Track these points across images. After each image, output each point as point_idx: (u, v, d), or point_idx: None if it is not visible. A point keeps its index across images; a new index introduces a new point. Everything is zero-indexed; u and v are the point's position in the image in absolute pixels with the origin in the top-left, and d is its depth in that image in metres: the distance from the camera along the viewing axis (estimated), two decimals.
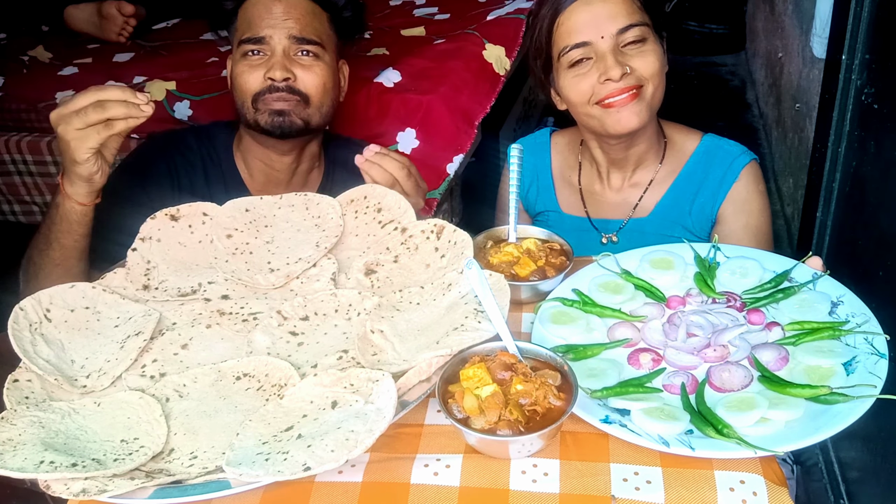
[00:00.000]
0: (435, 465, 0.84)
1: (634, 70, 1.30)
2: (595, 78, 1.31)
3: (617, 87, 1.30)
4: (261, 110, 1.42)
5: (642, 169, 1.47)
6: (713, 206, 1.42)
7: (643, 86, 1.31)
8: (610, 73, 1.28)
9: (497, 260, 1.14)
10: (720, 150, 1.45)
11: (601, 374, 0.94)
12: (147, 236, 1.16)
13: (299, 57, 1.43)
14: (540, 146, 1.58)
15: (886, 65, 1.18)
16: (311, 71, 1.43)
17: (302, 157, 1.53)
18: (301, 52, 1.43)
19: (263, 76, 1.40)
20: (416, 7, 2.62)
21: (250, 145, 1.51)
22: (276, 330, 1.02)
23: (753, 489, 0.79)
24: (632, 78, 1.30)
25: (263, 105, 1.41)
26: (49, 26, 2.58)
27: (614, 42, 1.29)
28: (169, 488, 0.80)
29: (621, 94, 1.30)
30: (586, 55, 1.31)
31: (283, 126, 1.41)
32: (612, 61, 1.28)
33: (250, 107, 1.42)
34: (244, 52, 1.42)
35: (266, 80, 1.40)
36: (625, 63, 1.29)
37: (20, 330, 0.99)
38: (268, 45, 1.41)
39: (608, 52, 1.29)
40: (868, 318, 0.96)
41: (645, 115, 1.33)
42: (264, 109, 1.41)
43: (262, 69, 1.41)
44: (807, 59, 2.68)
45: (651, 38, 1.32)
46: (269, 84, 1.40)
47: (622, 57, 1.30)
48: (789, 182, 2.99)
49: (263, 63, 1.41)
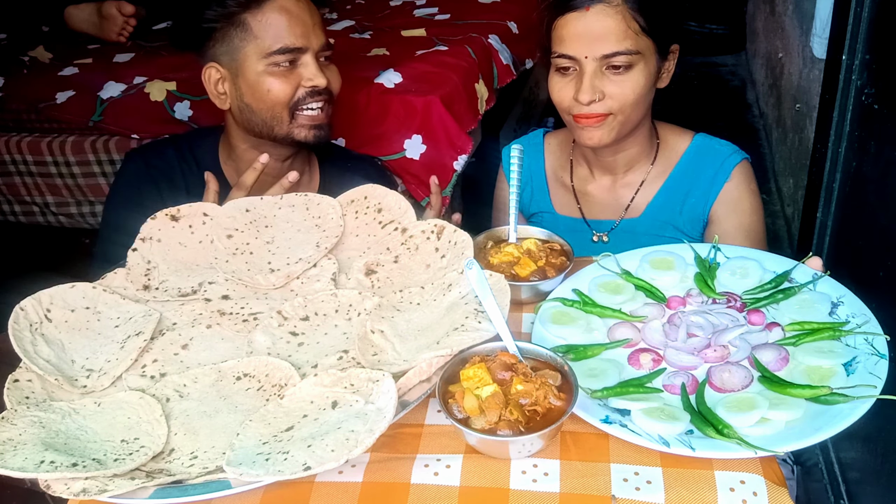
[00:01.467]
0: (435, 465, 0.84)
1: (606, 98, 1.29)
2: (572, 91, 1.31)
3: (585, 110, 1.30)
4: (298, 124, 1.43)
5: (634, 170, 1.47)
6: (705, 206, 1.42)
7: (612, 114, 1.31)
8: (580, 97, 1.29)
9: (497, 260, 1.14)
10: (711, 149, 1.44)
11: (601, 374, 0.94)
12: (147, 236, 1.16)
13: (323, 62, 1.45)
14: (533, 147, 1.58)
15: (886, 65, 1.18)
16: (334, 72, 1.48)
17: (295, 162, 1.54)
18: (323, 56, 1.45)
19: (301, 84, 1.41)
20: (416, 7, 2.62)
21: (244, 153, 1.50)
22: (276, 330, 1.02)
23: (754, 489, 0.79)
24: (601, 106, 1.29)
25: (301, 115, 1.43)
26: (49, 26, 2.58)
27: (597, 64, 1.28)
28: (169, 488, 0.80)
29: (588, 116, 1.31)
30: (572, 65, 1.31)
31: (321, 138, 1.46)
32: (587, 84, 1.28)
33: (285, 118, 1.43)
34: (273, 63, 1.40)
35: (306, 87, 1.41)
36: (600, 88, 1.28)
37: (20, 330, 0.99)
38: (302, 54, 1.41)
39: (588, 73, 1.28)
40: (868, 319, 0.96)
41: (611, 137, 1.34)
42: (303, 124, 1.43)
43: (295, 78, 1.41)
44: (807, 59, 2.69)
45: (640, 65, 1.29)
46: (309, 90, 1.42)
47: (601, 80, 1.28)
48: (789, 182, 2.99)
49: (297, 71, 1.41)
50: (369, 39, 2.33)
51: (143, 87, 2.02)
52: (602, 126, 1.32)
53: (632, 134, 1.39)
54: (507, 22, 2.43)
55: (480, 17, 2.48)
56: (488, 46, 2.25)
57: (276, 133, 1.44)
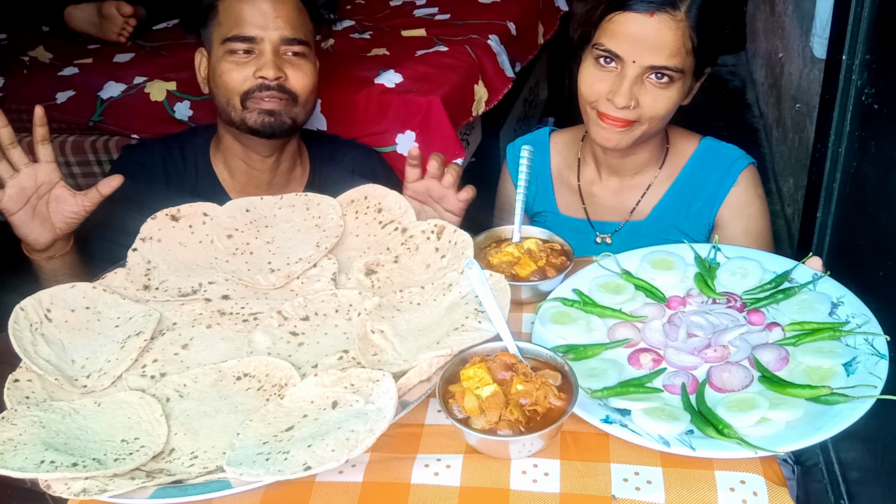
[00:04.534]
0: (435, 465, 0.84)
1: (640, 106, 1.27)
2: (607, 89, 1.29)
3: (614, 113, 1.28)
4: (249, 109, 1.40)
5: (641, 173, 1.47)
6: (711, 210, 1.42)
7: (639, 122, 1.30)
8: (616, 99, 1.26)
9: (497, 260, 1.14)
10: (718, 153, 1.44)
11: (601, 374, 0.94)
12: (147, 236, 1.16)
13: (288, 57, 1.42)
14: (539, 146, 1.57)
15: (886, 65, 1.18)
16: (300, 70, 1.42)
17: (282, 156, 1.52)
18: (290, 52, 1.42)
19: (253, 74, 1.39)
20: (416, 7, 2.62)
21: (230, 146, 1.50)
22: (276, 330, 1.02)
23: (754, 489, 0.79)
24: (632, 113, 1.28)
25: (253, 104, 1.40)
26: (49, 26, 2.58)
27: (641, 71, 1.26)
28: (169, 488, 0.80)
29: (615, 119, 1.29)
30: (615, 62, 1.28)
31: (274, 126, 1.41)
32: (625, 88, 1.25)
33: (238, 105, 1.41)
34: (230, 50, 1.40)
35: (256, 78, 1.39)
36: (636, 95, 1.26)
37: (20, 330, 0.99)
38: (257, 45, 1.40)
39: (629, 77, 1.26)
40: (868, 319, 0.96)
41: (628, 143, 1.33)
42: (253, 108, 1.40)
43: (250, 67, 1.39)
44: (807, 59, 2.68)
45: (679, 83, 1.28)
46: (259, 83, 1.39)
47: (639, 88, 1.26)
48: (789, 182, 2.99)
49: (252, 62, 1.39)
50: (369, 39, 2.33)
51: (143, 87, 2.02)
52: (625, 132, 1.30)
53: (644, 141, 1.38)
54: (507, 22, 2.43)
55: (480, 17, 2.47)
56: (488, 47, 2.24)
57: (232, 119, 1.42)
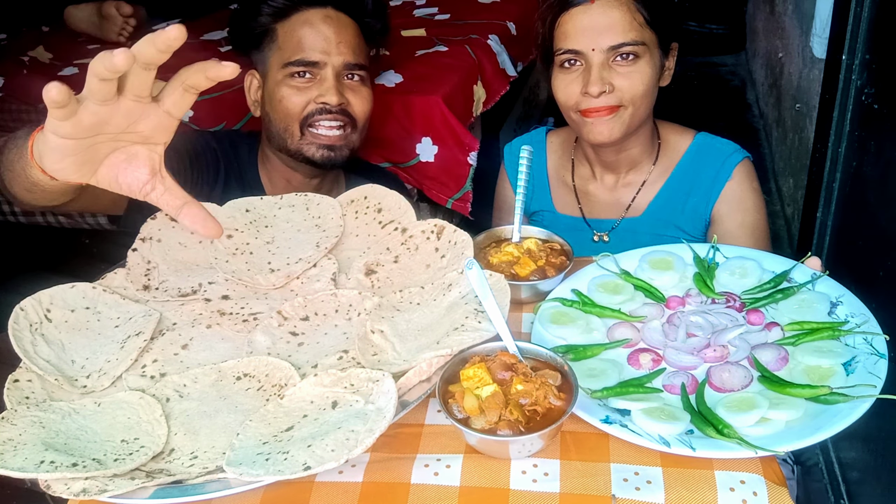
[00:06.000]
0: (435, 465, 0.84)
1: (616, 89, 1.30)
2: (580, 86, 1.31)
3: (595, 103, 1.30)
4: (307, 140, 1.41)
5: (636, 169, 1.47)
6: (707, 205, 1.43)
7: (621, 106, 1.31)
8: (590, 89, 1.29)
9: (497, 260, 1.14)
10: (712, 148, 1.45)
11: (601, 374, 0.94)
12: (147, 236, 1.16)
13: (348, 81, 1.43)
14: (536, 145, 1.58)
15: (886, 65, 1.18)
16: (360, 95, 1.44)
17: (325, 179, 1.53)
18: (350, 76, 1.43)
19: (315, 99, 1.40)
20: (416, 7, 2.62)
21: (276, 164, 1.51)
22: (276, 330, 1.02)
23: (754, 489, 0.79)
24: (612, 97, 1.30)
25: (311, 135, 1.41)
26: (49, 26, 2.58)
27: (604, 56, 1.29)
28: (169, 488, 0.80)
29: (598, 109, 1.31)
30: (578, 60, 1.32)
31: (335, 159, 1.43)
32: (595, 76, 1.28)
33: (296, 133, 1.41)
34: (290, 74, 1.40)
35: (318, 103, 1.39)
36: (609, 80, 1.29)
37: (20, 330, 0.99)
38: (319, 70, 1.40)
39: (595, 65, 1.29)
40: (867, 319, 0.96)
41: (621, 131, 1.34)
42: (311, 141, 1.41)
43: (311, 92, 1.40)
44: (807, 59, 2.69)
45: (646, 56, 1.30)
46: (320, 107, 1.40)
47: (608, 73, 1.29)
48: (789, 182, 2.99)
49: (314, 86, 1.40)
50: None
51: None
52: (612, 119, 1.32)
53: (635, 132, 1.39)
54: (507, 22, 2.43)
55: (480, 17, 2.47)
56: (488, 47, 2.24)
57: (288, 147, 1.43)
